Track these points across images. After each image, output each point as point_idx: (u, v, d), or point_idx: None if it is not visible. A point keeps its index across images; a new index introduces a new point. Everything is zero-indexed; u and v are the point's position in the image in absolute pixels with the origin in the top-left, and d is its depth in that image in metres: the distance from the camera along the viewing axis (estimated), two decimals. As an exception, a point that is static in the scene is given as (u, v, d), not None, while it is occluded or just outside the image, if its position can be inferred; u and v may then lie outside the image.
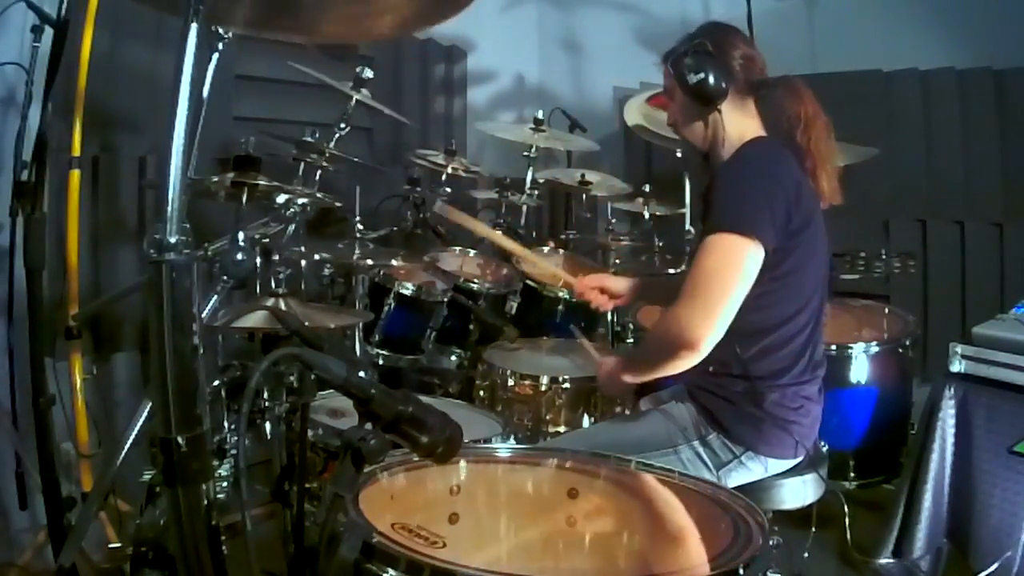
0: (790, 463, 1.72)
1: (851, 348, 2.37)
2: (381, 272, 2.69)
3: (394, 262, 2.62)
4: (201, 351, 0.90)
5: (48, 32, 2.05)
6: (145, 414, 1.41)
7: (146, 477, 1.51)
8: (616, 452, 1.53)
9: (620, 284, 2.11)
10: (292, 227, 2.12)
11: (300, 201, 2.00)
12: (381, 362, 2.71)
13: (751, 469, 1.68)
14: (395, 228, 3.17)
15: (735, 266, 1.53)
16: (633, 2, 4.07)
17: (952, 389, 2.10)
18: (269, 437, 2.06)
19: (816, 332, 1.71)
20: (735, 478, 1.68)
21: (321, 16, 1.25)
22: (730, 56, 1.71)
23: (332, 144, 2.45)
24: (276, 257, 2.05)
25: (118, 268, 2.72)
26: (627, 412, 2.25)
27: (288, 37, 1.35)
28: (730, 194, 1.59)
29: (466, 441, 1.10)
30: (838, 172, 1.76)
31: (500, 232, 2.65)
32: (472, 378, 2.58)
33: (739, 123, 1.73)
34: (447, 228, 2.79)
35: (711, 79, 1.69)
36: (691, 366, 1.56)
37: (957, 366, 2.11)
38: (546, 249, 3.19)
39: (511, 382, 2.30)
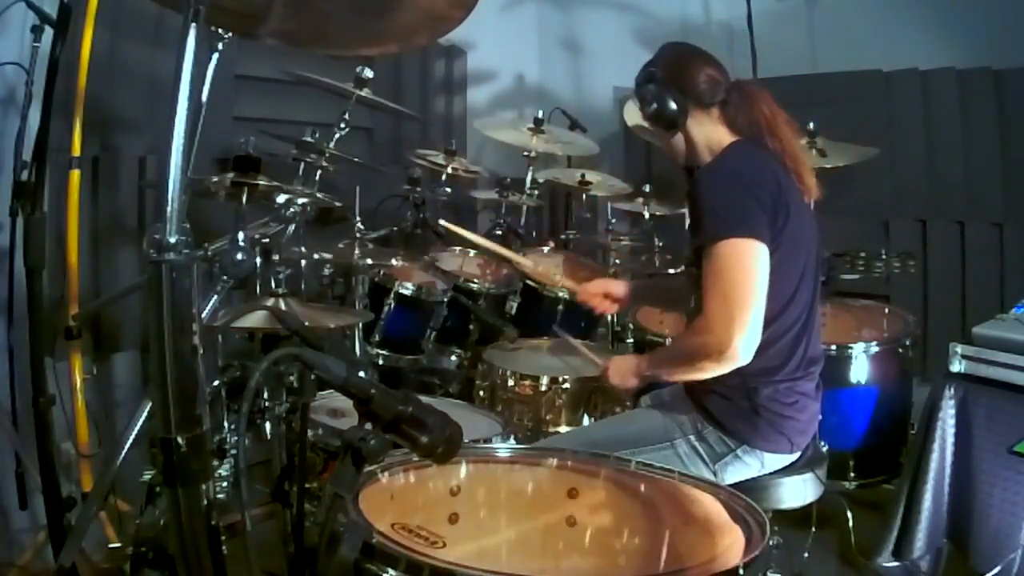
0: (787, 459, 1.73)
1: (851, 348, 2.37)
2: (381, 272, 2.69)
3: (394, 262, 2.62)
4: (201, 351, 0.90)
5: (48, 32, 2.05)
6: (145, 414, 1.41)
7: (146, 477, 1.52)
8: (614, 448, 1.54)
9: (620, 288, 2.14)
10: (292, 227, 2.11)
11: (300, 201, 2.00)
12: (381, 362, 2.71)
13: (748, 464, 1.69)
14: (395, 228, 3.17)
15: (752, 269, 1.55)
16: (633, 2, 4.06)
17: (952, 389, 2.10)
18: (269, 437, 2.06)
19: (808, 327, 1.71)
20: (732, 473, 1.69)
21: (346, 31, 1.27)
22: (690, 77, 1.75)
23: (332, 144, 2.45)
24: (276, 257, 2.05)
25: (118, 268, 2.72)
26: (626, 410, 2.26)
27: (319, 51, 1.38)
28: (720, 201, 1.61)
29: (466, 441, 1.10)
30: (812, 168, 1.79)
31: (497, 240, 2.68)
32: (472, 378, 2.58)
33: (710, 133, 1.77)
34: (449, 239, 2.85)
35: (667, 105, 1.75)
36: (725, 372, 1.58)
37: (957, 366, 2.11)
38: (546, 249, 3.19)
39: (511, 382, 2.30)
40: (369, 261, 2.46)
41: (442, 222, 2.31)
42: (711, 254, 1.57)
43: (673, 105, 1.74)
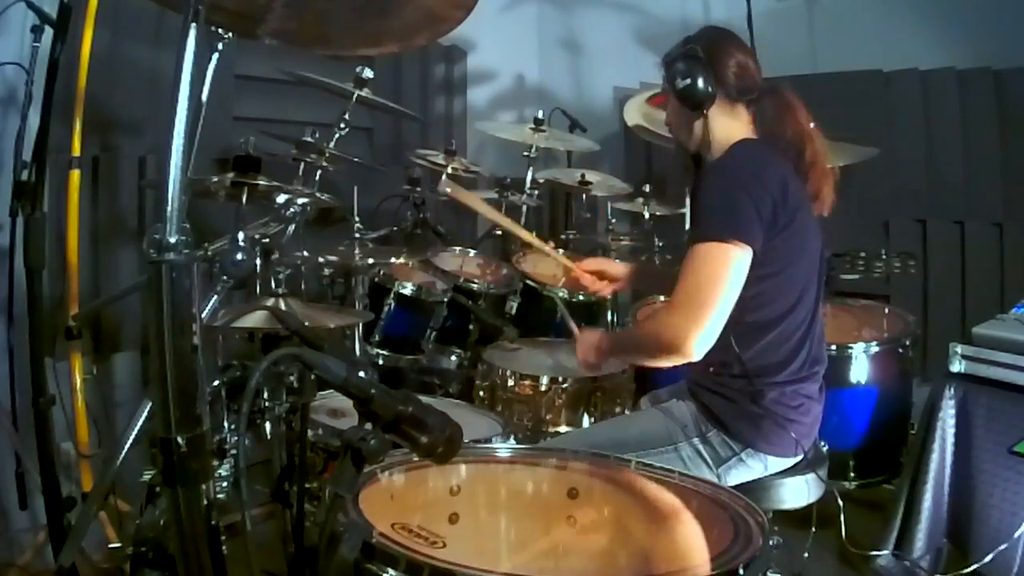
0: (790, 461, 1.72)
1: (851, 348, 2.37)
2: (381, 272, 2.69)
3: (394, 262, 2.62)
4: (201, 351, 0.90)
5: (48, 32, 2.05)
6: (145, 414, 1.41)
7: (146, 477, 1.51)
8: (617, 450, 1.54)
9: (619, 269, 2.12)
10: (292, 227, 2.11)
11: (300, 201, 1.99)
12: (381, 362, 2.71)
13: (751, 467, 1.68)
14: (395, 228, 3.17)
15: (721, 275, 1.56)
16: (633, 2, 4.07)
17: (952, 389, 2.11)
18: (269, 437, 2.05)
19: (813, 328, 1.71)
20: (735, 476, 1.68)
21: (346, 31, 1.27)
22: (722, 63, 1.72)
23: (332, 144, 2.45)
24: (276, 257, 2.04)
25: (118, 268, 2.72)
26: (627, 412, 2.26)
27: (319, 51, 1.39)
28: (716, 199, 1.61)
29: (466, 441, 1.10)
30: (835, 177, 1.78)
31: (498, 243, 2.61)
32: (472, 378, 2.58)
33: (727, 127, 1.75)
34: (456, 204, 2.66)
35: (698, 85, 1.71)
36: (676, 364, 1.60)
37: (957, 366, 2.11)
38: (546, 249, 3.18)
39: (511, 382, 2.30)
40: (369, 261, 2.46)
41: (444, 182, 2.16)
42: (693, 251, 1.59)
43: (703, 86, 1.71)
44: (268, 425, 2.05)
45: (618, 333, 1.89)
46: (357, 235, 2.48)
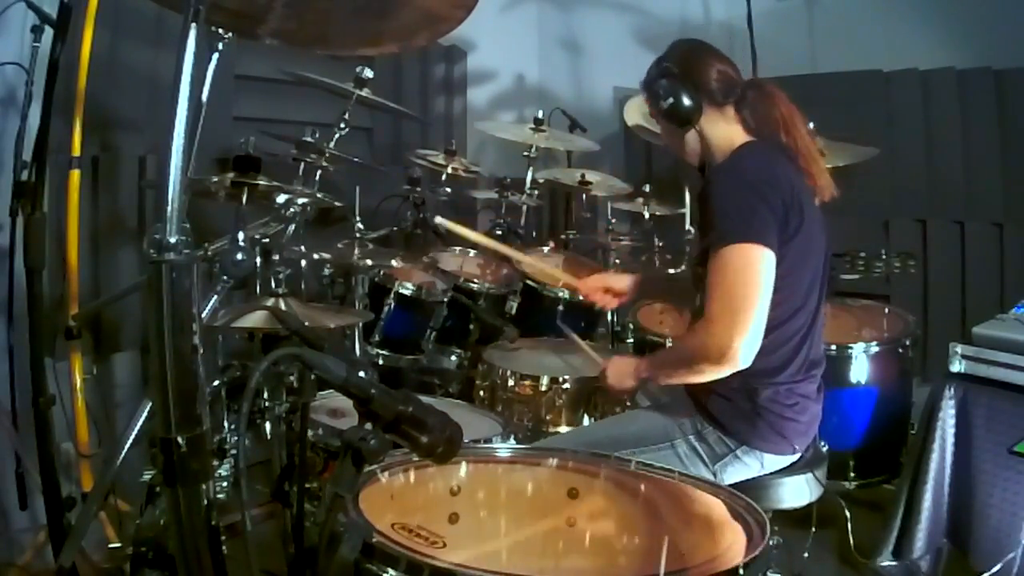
0: (787, 460, 1.73)
1: (851, 348, 2.37)
2: (381, 272, 2.69)
3: (394, 262, 2.62)
4: (201, 351, 0.90)
5: (48, 32, 2.05)
6: (145, 414, 1.42)
7: (146, 477, 1.52)
8: (614, 448, 1.54)
9: (622, 282, 2.12)
10: (292, 227, 2.11)
11: (300, 201, 2.00)
12: (381, 362, 2.71)
13: (747, 464, 1.69)
14: (395, 228, 3.17)
15: (757, 276, 1.55)
16: (633, 2, 4.07)
17: (952, 389, 2.10)
18: (269, 437, 2.06)
19: (813, 331, 1.71)
20: (731, 473, 1.69)
21: (346, 31, 1.27)
22: (700, 73, 1.73)
23: (332, 144, 2.45)
24: (276, 257, 2.05)
25: (118, 268, 2.72)
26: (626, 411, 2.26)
27: (319, 51, 1.39)
28: (731, 204, 1.60)
29: (466, 441, 1.10)
30: (827, 168, 1.78)
31: (497, 240, 2.66)
32: (472, 378, 2.58)
33: (724, 131, 1.76)
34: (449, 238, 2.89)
35: (682, 101, 1.72)
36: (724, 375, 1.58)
37: (957, 366, 2.11)
38: (546, 249, 3.19)
39: (511, 382, 2.30)
40: (369, 261, 2.46)
41: (439, 219, 2.28)
42: (718, 257, 1.57)
43: (688, 101, 1.72)
44: (268, 425, 2.05)
45: (655, 355, 1.83)
46: (357, 235, 2.48)
